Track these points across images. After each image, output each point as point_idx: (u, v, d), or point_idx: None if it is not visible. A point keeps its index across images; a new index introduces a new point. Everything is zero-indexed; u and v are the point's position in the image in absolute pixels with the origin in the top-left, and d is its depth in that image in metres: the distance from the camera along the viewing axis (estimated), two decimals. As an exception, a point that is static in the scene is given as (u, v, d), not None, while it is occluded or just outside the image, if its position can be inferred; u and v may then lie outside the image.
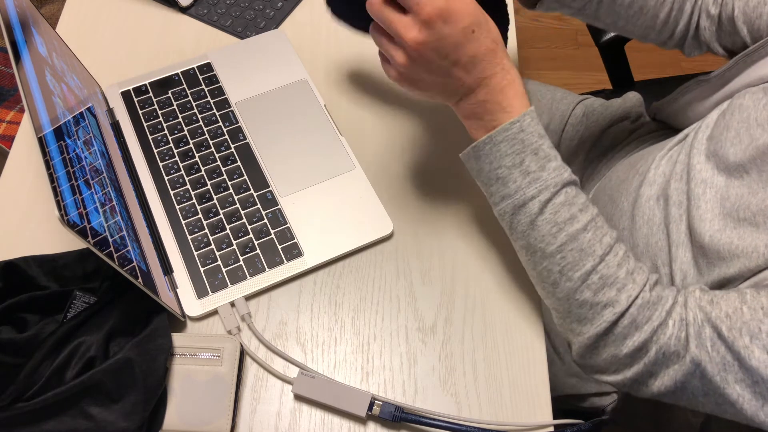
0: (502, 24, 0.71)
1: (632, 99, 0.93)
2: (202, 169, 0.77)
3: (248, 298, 0.70)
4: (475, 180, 0.62)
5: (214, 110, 0.82)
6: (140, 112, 0.82)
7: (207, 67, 0.85)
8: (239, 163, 0.78)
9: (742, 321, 0.50)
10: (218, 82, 0.84)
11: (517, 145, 0.57)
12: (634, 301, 0.54)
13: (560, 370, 0.83)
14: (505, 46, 0.59)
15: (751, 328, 0.50)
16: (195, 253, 0.71)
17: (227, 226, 0.73)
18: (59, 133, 0.60)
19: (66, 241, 0.73)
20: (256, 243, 0.72)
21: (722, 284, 0.57)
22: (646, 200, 0.68)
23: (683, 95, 0.76)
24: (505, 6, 0.71)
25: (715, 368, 0.51)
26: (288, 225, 0.73)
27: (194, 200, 0.75)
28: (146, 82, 0.84)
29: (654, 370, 0.55)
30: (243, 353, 0.66)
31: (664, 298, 0.55)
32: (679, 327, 0.53)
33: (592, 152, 0.91)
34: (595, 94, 1.06)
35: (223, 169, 0.77)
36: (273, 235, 0.73)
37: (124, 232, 0.64)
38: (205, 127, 0.80)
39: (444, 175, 0.78)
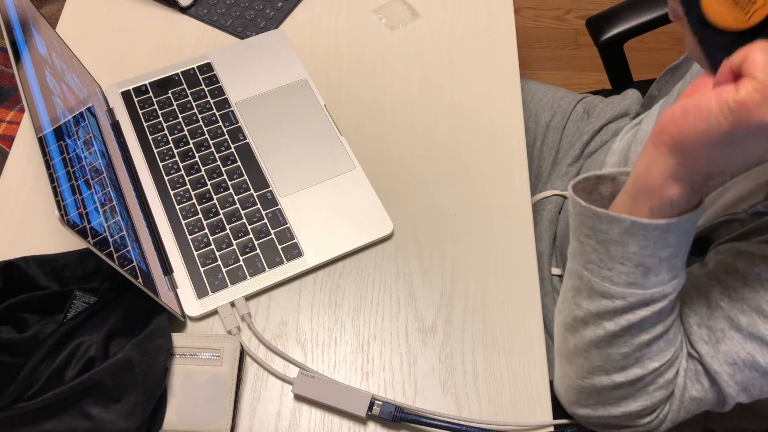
0: None
1: (632, 96, 0.94)
2: (202, 169, 0.77)
3: (248, 298, 0.70)
4: (582, 235, 0.52)
5: (214, 110, 0.82)
6: (140, 112, 0.82)
7: (207, 67, 0.85)
8: (239, 163, 0.78)
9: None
10: (218, 82, 0.84)
11: (682, 240, 0.49)
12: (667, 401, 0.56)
13: None
14: None
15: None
16: (195, 253, 0.71)
17: (227, 226, 0.73)
18: (59, 133, 0.60)
19: (66, 241, 0.73)
20: (256, 243, 0.72)
21: None
22: (610, 167, 0.69)
23: (659, 88, 0.78)
24: None
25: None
26: (288, 225, 0.73)
27: (194, 200, 0.75)
28: (146, 82, 0.84)
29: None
30: (243, 353, 0.66)
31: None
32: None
33: (590, 145, 0.92)
34: (595, 93, 1.06)
35: (223, 169, 0.77)
36: (273, 235, 0.73)
37: (124, 232, 0.64)
38: (205, 127, 0.80)
39: (444, 175, 0.78)
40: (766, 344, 0.50)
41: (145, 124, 0.81)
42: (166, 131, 0.80)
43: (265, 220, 0.73)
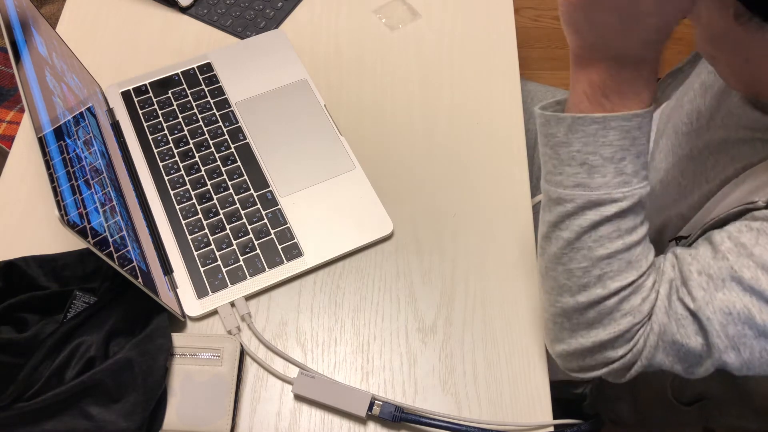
0: None
1: None
2: (202, 169, 0.77)
3: (248, 298, 0.70)
4: (541, 146, 0.55)
5: (214, 110, 0.82)
6: (140, 112, 0.82)
7: (207, 67, 0.85)
8: (239, 163, 0.78)
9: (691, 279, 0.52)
10: (218, 82, 0.84)
11: (626, 140, 0.50)
12: (652, 309, 0.55)
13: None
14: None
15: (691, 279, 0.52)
16: (195, 253, 0.71)
17: (227, 226, 0.73)
18: (59, 133, 0.60)
19: (66, 241, 0.73)
20: (256, 243, 0.72)
21: None
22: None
23: (662, 91, 0.78)
24: None
25: (673, 327, 0.53)
26: (288, 225, 0.73)
27: (194, 200, 0.75)
28: (146, 82, 0.84)
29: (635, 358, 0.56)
30: (243, 353, 0.66)
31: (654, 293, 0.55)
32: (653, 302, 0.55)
33: None
34: None
35: (223, 169, 0.77)
36: (273, 235, 0.73)
37: (124, 232, 0.64)
38: (205, 127, 0.80)
39: (444, 175, 0.78)
40: (764, 300, 0.49)
41: (145, 124, 0.81)
42: (166, 131, 0.80)
43: (265, 220, 0.73)
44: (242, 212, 0.74)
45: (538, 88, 1.01)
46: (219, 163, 0.78)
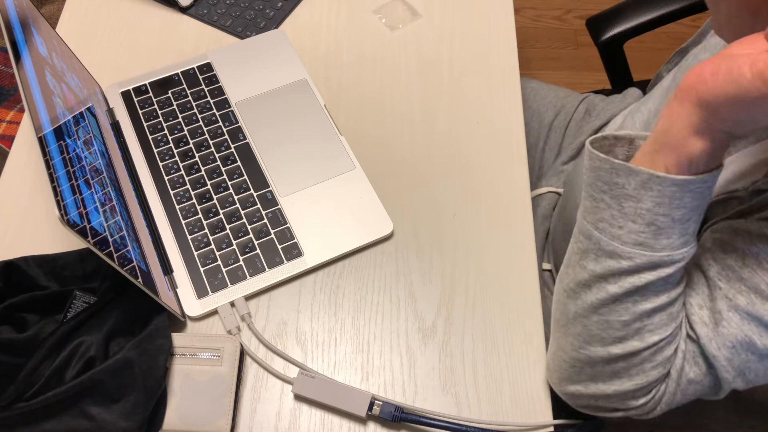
0: None
1: (633, 95, 0.94)
2: (202, 169, 0.77)
3: (248, 298, 0.70)
4: (596, 191, 0.50)
5: (214, 110, 0.82)
6: (140, 112, 0.82)
7: (207, 67, 0.85)
8: (239, 163, 0.78)
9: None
10: (218, 82, 0.84)
11: (698, 202, 0.47)
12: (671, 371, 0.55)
13: None
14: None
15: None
16: (195, 253, 0.71)
17: (227, 226, 0.73)
18: (59, 132, 0.60)
19: (66, 241, 0.73)
20: (256, 243, 0.72)
21: None
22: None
23: (668, 70, 0.78)
24: None
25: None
26: (288, 225, 0.73)
27: (194, 200, 0.75)
28: (146, 82, 0.84)
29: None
30: (243, 353, 0.66)
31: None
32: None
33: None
34: (597, 93, 1.06)
35: (223, 169, 0.77)
36: (273, 235, 0.73)
37: (124, 232, 0.64)
38: (205, 127, 0.80)
39: (444, 174, 0.78)
40: (763, 325, 0.49)
41: (145, 124, 0.81)
42: (166, 131, 0.80)
43: (265, 220, 0.73)
44: (242, 212, 0.74)
45: (541, 86, 1.01)
46: (219, 163, 0.78)
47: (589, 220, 0.51)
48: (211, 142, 0.79)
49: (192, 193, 0.75)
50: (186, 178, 0.76)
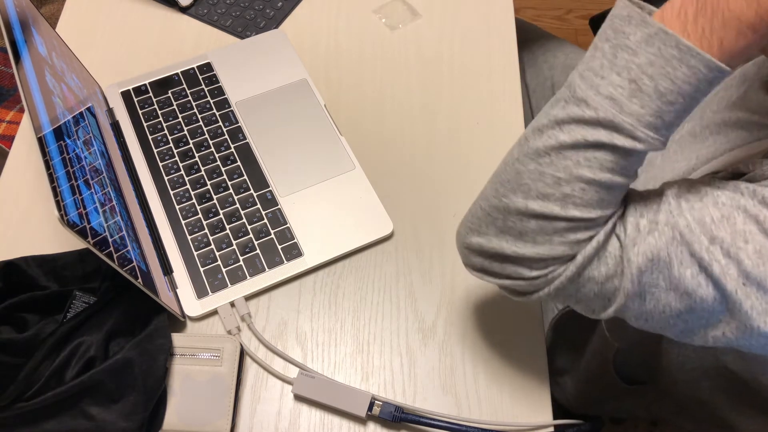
0: None
1: None
2: (202, 169, 0.77)
3: (248, 298, 0.70)
4: (600, 40, 0.48)
5: (214, 110, 0.82)
6: (140, 112, 0.82)
7: (207, 67, 0.85)
8: (239, 163, 0.78)
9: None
10: (218, 82, 0.84)
11: (689, 87, 0.45)
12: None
13: None
14: None
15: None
16: (195, 253, 0.71)
17: (227, 226, 0.73)
18: (59, 133, 0.60)
19: (66, 241, 0.73)
20: (255, 243, 0.72)
21: None
22: None
23: None
24: None
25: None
26: (288, 225, 0.73)
27: (194, 200, 0.75)
28: (146, 82, 0.84)
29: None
30: (243, 353, 0.66)
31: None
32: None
33: None
34: None
35: (222, 169, 0.77)
36: (273, 235, 0.73)
37: (124, 232, 0.64)
38: (205, 127, 0.80)
39: (444, 175, 0.78)
40: (688, 252, 0.47)
41: (144, 124, 0.81)
42: (165, 131, 0.80)
43: (265, 220, 0.73)
44: (242, 212, 0.74)
45: (582, 53, 0.98)
46: (219, 163, 0.78)
47: (579, 69, 0.48)
48: (211, 142, 0.79)
49: (192, 193, 0.75)
50: (186, 178, 0.76)
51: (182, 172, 0.77)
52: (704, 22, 0.43)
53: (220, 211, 0.74)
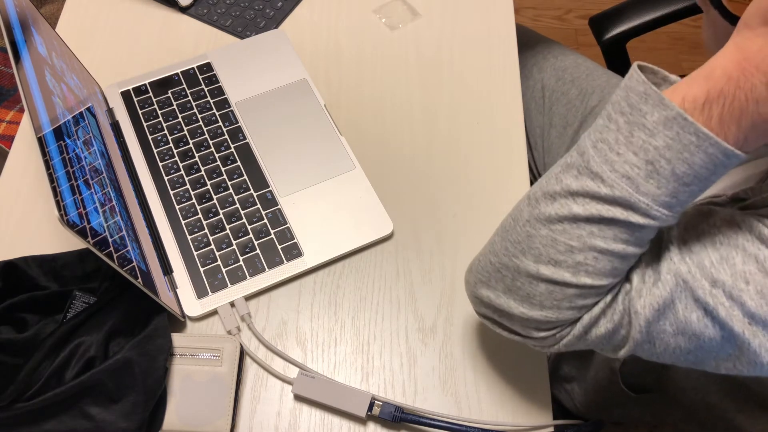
0: None
1: None
2: (202, 169, 0.77)
3: (248, 298, 0.70)
4: (614, 110, 0.47)
5: (214, 110, 0.82)
6: (140, 112, 0.82)
7: (207, 67, 0.85)
8: (239, 163, 0.78)
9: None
10: (218, 82, 0.84)
11: (706, 171, 0.44)
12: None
13: None
14: None
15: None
16: (195, 253, 0.71)
17: (227, 226, 0.73)
18: (59, 133, 0.60)
19: (66, 241, 0.73)
20: (255, 243, 0.72)
21: None
22: None
23: None
24: None
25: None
26: (288, 225, 0.73)
27: (194, 200, 0.75)
28: (146, 82, 0.84)
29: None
30: (243, 353, 0.66)
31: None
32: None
33: None
34: None
35: (222, 169, 0.77)
36: (273, 235, 0.73)
37: (124, 232, 0.64)
38: (205, 127, 0.80)
39: (444, 175, 0.78)
40: (692, 298, 0.47)
41: (144, 124, 0.81)
42: (165, 131, 0.80)
43: (265, 220, 0.73)
44: (242, 212, 0.74)
45: (596, 68, 0.97)
46: (219, 163, 0.78)
47: (592, 138, 0.47)
48: (210, 142, 0.79)
49: (192, 193, 0.75)
50: (186, 178, 0.76)
51: (182, 172, 0.77)
52: (731, 121, 0.42)
53: (220, 211, 0.74)
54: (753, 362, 0.47)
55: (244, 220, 0.73)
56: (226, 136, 0.80)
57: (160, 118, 0.81)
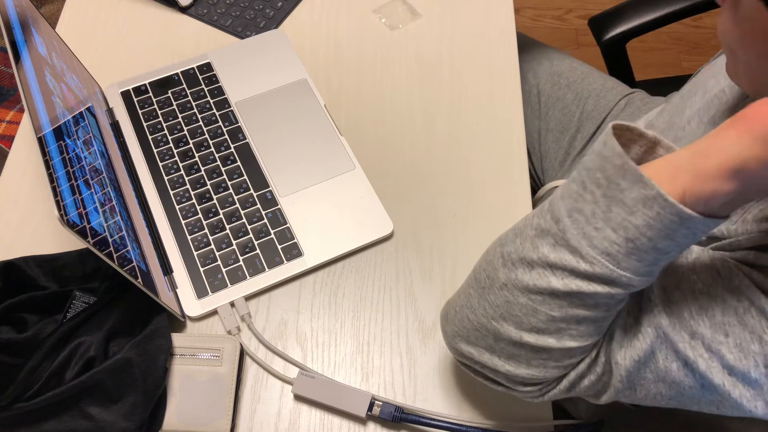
0: None
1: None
2: (202, 169, 0.77)
3: (248, 298, 0.70)
4: (589, 181, 0.44)
5: (214, 110, 0.82)
6: (140, 112, 0.82)
7: (207, 67, 0.85)
8: (239, 163, 0.78)
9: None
10: (218, 82, 0.84)
11: (687, 241, 0.43)
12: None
13: None
14: None
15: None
16: (195, 253, 0.71)
17: (227, 226, 0.73)
18: (59, 133, 0.60)
19: (66, 241, 0.73)
20: (255, 243, 0.72)
21: None
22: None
23: None
24: None
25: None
26: (288, 225, 0.73)
27: (194, 200, 0.75)
28: (146, 82, 0.84)
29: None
30: (243, 353, 0.66)
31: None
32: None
33: None
34: (642, 90, 1.05)
35: (222, 169, 0.77)
36: (273, 235, 0.72)
37: (124, 232, 0.64)
38: (205, 127, 0.80)
39: (444, 175, 0.78)
40: (672, 349, 0.47)
41: (144, 124, 0.81)
42: (165, 131, 0.80)
43: (265, 220, 0.73)
44: (242, 212, 0.74)
45: (591, 72, 0.98)
46: (219, 163, 0.78)
47: (566, 204, 0.45)
48: (210, 142, 0.79)
49: (192, 193, 0.75)
50: (186, 178, 0.76)
51: (182, 172, 0.77)
52: (714, 203, 0.41)
53: (220, 211, 0.74)
54: (736, 408, 0.47)
55: (244, 220, 0.73)
56: (226, 136, 0.80)
57: (160, 118, 0.81)
